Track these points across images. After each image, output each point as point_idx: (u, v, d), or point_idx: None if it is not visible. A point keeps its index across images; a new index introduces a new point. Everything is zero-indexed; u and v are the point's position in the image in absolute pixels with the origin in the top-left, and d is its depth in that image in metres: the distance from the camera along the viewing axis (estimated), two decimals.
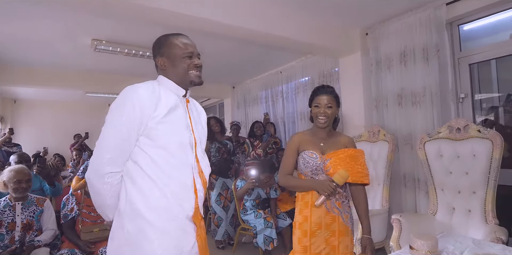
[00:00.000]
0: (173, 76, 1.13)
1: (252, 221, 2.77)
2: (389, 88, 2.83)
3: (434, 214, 2.25)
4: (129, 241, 1.00)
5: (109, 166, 1.00)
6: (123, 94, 1.04)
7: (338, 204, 1.45)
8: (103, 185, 1.00)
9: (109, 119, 1.04)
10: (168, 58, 1.13)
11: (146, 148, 1.03)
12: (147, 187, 1.02)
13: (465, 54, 2.52)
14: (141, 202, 1.00)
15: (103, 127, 1.04)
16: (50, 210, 2.20)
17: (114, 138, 1.01)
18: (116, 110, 1.03)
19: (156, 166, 1.02)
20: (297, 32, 2.71)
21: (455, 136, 2.25)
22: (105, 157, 0.99)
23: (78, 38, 3.10)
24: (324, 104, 1.47)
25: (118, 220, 1.04)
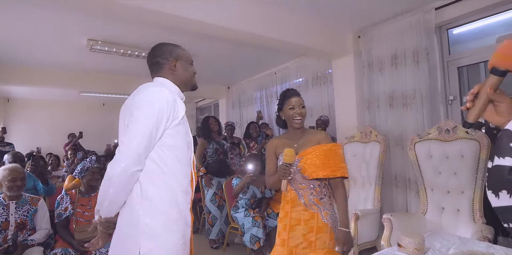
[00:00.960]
0: (181, 78, 1.24)
1: (240, 219, 2.80)
2: (381, 90, 2.88)
3: (424, 214, 2.30)
4: (148, 234, 1.04)
5: (138, 164, 1.03)
6: (152, 97, 1.08)
7: (316, 201, 1.47)
8: (127, 181, 1.03)
9: (138, 116, 1.05)
10: (180, 62, 1.23)
11: (162, 146, 1.09)
12: (162, 182, 1.08)
13: (454, 58, 2.59)
14: (159, 197, 1.07)
15: (132, 124, 1.05)
16: (44, 209, 2.20)
17: (143, 135, 1.04)
18: (146, 109, 1.06)
19: (170, 162, 1.10)
20: (291, 34, 2.75)
21: (444, 137, 2.31)
22: (134, 154, 1.02)
23: (74, 38, 3.11)
24: (298, 104, 1.52)
25: (129, 216, 1.07)
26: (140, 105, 1.07)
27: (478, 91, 0.70)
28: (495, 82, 0.67)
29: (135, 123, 1.05)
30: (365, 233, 2.40)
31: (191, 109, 7.48)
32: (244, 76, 5.08)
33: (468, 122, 0.71)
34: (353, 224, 2.30)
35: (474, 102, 0.70)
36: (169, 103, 1.08)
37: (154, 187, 1.07)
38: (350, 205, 2.81)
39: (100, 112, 7.46)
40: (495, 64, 0.66)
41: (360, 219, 2.33)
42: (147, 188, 1.07)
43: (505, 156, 0.63)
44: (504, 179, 0.63)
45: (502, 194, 0.64)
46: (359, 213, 2.32)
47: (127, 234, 1.06)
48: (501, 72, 0.66)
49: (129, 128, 1.05)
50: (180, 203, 1.12)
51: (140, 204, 1.06)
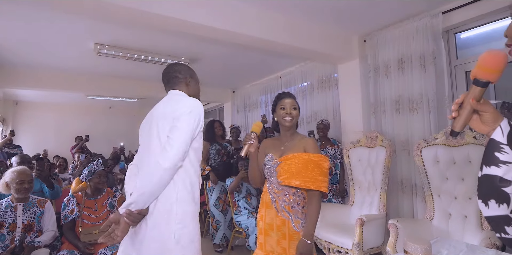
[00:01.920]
0: (193, 92, 1.46)
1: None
2: (387, 95, 2.87)
3: (430, 220, 2.27)
4: (179, 222, 1.22)
5: (182, 160, 1.21)
6: (195, 105, 1.30)
7: (287, 208, 1.47)
8: (170, 175, 1.20)
9: (187, 120, 1.25)
10: (193, 80, 1.50)
11: (191, 148, 1.27)
12: (188, 179, 1.27)
13: (461, 62, 2.57)
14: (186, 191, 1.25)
15: (180, 128, 1.23)
16: (50, 212, 2.22)
17: (188, 137, 1.23)
18: (191, 117, 1.26)
19: (194, 160, 1.29)
20: (296, 38, 2.76)
21: (452, 142, 2.28)
22: (182, 151, 1.19)
23: (81, 42, 3.16)
24: (290, 106, 1.56)
25: (165, 206, 1.22)
26: (188, 111, 1.27)
27: (462, 101, 0.71)
28: (477, 93, 0.68)
29: (184, 126, 1.23)
30: (371, 238, 2.38)
31: None
32: (249, 80, 5.10)
33: (454, 131, 0.73)
34: (358, 229, 2.28)
35: (459, 112, 0.71)
36: (203, 113, 1.32)
37: (183, 181, 1.25)
38: (355, 209, 2.80)
39: (106, 116, 7.55)
40: (476, 75, 0.68)
41: (365, 224, 2.30)
42: (179, 181, 1.23)
43: (491, 165, 0.64)
44: (493, 188, 0.64)
45: (491, 203, 0.65)
46: (364, 218, 2.29)
47: (161, 221, 1.21)
48: (482, 83, 0.67)
49: (178, 129, 1.22)
50: (196, 196, 1.30)
51: (174, 194, 1.23)
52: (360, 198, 2.82)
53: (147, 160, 1.28)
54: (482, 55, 0.67)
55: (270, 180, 1.56)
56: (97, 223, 2.19)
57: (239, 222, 2.86)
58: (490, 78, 0.67)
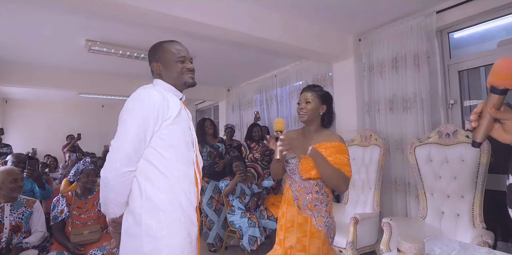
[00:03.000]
0: (169, 79, 1.23)
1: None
2: (381, 94, 2.87)
3: (423, 218, 2.28)
4: (149, 234, 1.06)
5: (127, 165, 1.06)
6: (140, 97, 1.10)
7: (310, 206, 1.45)
8: (121, 183, 1.06)
9: (126, 120, 1.08)
10: (162, 63, 1.22)
11: (158, 147, 1.11)
12: (161, 182, 1.10)
13: (455, 62, 2.58)
14: (158, 197, 1.08)
15: (120, 127, 1.09)
16: (39, 212, 2.17)
17: (132, 137, 1.06)
18: (134, 112, 1.08)
19: (167, 162, 1.11)
20: (291, 37, 2.75)
21: (445, 141, 2.29)
22: (123, 156, 1.05)
23: (72, 39, 3.10)
24: (303, 99, 1.51)
25: (131, 217, 1.09)
26: (128, 108, 1.10)
27: (481, 110, 0.68)
28: (496, 101, 0.66)
29: (123, 127, 1.08)
30: (364, 237, 2.38)
31: (190, 112, 7.37)
32: (244, 78, 5.08)
33: (476, 142, 0.70)
34: (352, 228, 2.28)
35: (479, 122, 0.68)
36: (157, 106, 1.09)
37: (152, 187, 1.09)
38: (349, 208, 2.80)
39: (99, 114, 7.45)
40: (493, 83, 0.65)
41: (359, 223, 2.30)
42: (146, 189, 1.09)
43: None
44: None
45: None
46: (358, 217, 2.29)
47: (131, 234, 1.09)
48: (500, 91, 0.65)
49: (118, 131, 1.09)
50: (183, 203, 1.13)
51: (141, 204, 1.09)
52: (354, 196, 2.82)
53: None
54: (497, 61, 0.65)
55: (292, 177, 1.53)
56: (87, 223, 2.15)
57: (232, 222, 2.84)
58: (508, 85, 0.64)
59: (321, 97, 1.52)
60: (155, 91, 1.13)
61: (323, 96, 1.53)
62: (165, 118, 1.11)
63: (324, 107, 1.51)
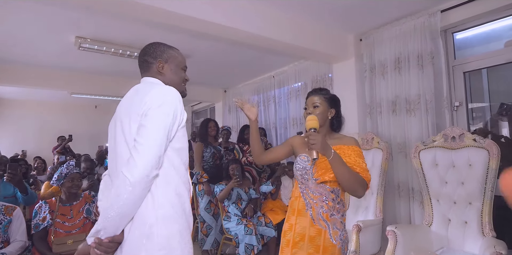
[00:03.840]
0: (168, 82, 1.14)
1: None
2: (383, 95, 2.77)
3: (429, 225, 2.18)
4: (163, 247, 0.94)
5: (157, 167, 0.94)
6: (168, 96, 1.01)
7: (325, 216, 1.31)
8: (147, 189, 0.93)
9: (156, 118, 0.96)
10: (170, 65, 1.16)
11: (170, 149, 1.02)
12: (170, 187, 1.00)
13: (459, 62, 2.50)
14: (170, 204, 0.98)
15: (148, 127, 0.95)
16: (19, 220, 2.01)
17: (162, 138, 0.95)
18: (164, 111, 0.98)
19: (177, 165, 1.03)
20: (290, 36, 2.64)
21: (451, 145, 2.20)
22: (155, 155, 0.92)
23: (61, 35, 2.95)
24: (310, 104, 1.42)
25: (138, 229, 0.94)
26: (157, 104, 0.98)
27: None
28: None
29: (154, 123, 0.95)
30: (367, 245, 2.26)
31: (186, 113, 7.29)
32: (241, 79, 4.97)
33: None
34: (355, 236, 2.16)
35: None
36: (180, 105, 1.04)
37: (165, 193, 0.98)
38: (350, 214, 2.68)
39: (92, 115, 7.26)
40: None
41: (362, 230, 2.19)
42: (158, 195, 0.96)
43: None
44: None
45: None
46: (361, 225, 2.18)
47: (139, 249, 0.93)
48: None
49: (147, 128, 0.95)
50: (187, 209, 1.04)
51: (154, 213, 0.95)
52: (355, 202, 2.70)
53: (115, 170, 1.03)
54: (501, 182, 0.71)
55: (305, 184, 1.39)
56: (71, 232, 2.00)
57: (228, 229, 2.71)
58: None
59: (329, 101, 1.43)
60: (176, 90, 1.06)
61: (331, 100, 1.44)
62: (181, 120, 1.05)
63: (333, 111, 1.42)
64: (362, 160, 1.33)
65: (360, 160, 1.32)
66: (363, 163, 1.33)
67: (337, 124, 1.45)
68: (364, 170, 1.30)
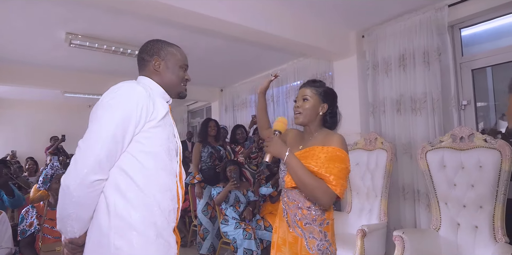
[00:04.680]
0: (165, 81, 1.08)
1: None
2: (387, 94, 2.68)
3: (437, 230, 2.08)
4: None
5: (97, 172, 0.85)
6: (122, 90, 0.93)
7: (300, 224, 1.21)
8: (87, 194, 0.86)
9: (102, 116, 0.89)
10: (167, 63, 1.08)
11: (136, 153, 0.93)
12: (134, 196, 0.91)
13: (467, 59, 2.40)
14: (129, 214, 0.90)
15: (92, 124, 0.89)
16: (5, 225, 1.90)
17: (106, 138, 0.87)
18: (112, 107, 0.90)
19: (145, 172, 0.93)
20: (290, 31, 2.53)
21: (459, 145, 2.10)
22: (93, 160, 0.85)
23: (50, 32, 2.81)
24: (301, 97, 1.29)
25: (96, 237, 0.90)
26: (105, 102, 0.91)
27: None
28: None
29: (97, 124, 0.89)
30: (372, 251, 2.16)
31: (182, 113, 7.16)
32: (238, 78, 4.85)
33: None
34: (360, 241, 2.06)
35: None
36: (141, 103, 0.92)
37: (124, 202, 0.90)
38: (353, 217, 2.58)
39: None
40: None
41: (366, 235, 2.08)
42: (115, 203, 0.90)
43: None
44: None
45: None
46: (366, 229, 2.08)
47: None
48: None
49: (89, 129, 0.89)
50: (158, 222, 0.94)
51: (109, 222, 0.89)
52: (358, 204, 2.60)
53: None
54: None
55: (283, 189, 1.32)
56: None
57: (226, 233, 2.59)
58: None
59: (322, 95, 1.28)
60: (140, 87, 0.96)
61: (325, 93, 1.29)
62: (149, 119, 0.94)
63: (325, 106, 1.28)
64: (335, 164, 1.13)
65: (332, 165, 1.13)
66: (336, 168, 1.12)
67: (330, 121, 1.30)
68: (334, 176, 1.11)
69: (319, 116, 1.28)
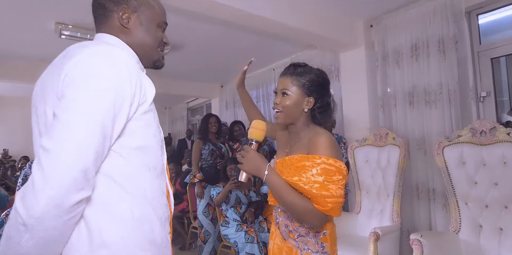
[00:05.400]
0: (136, 43, 0.77)
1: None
2: (398, 86, 2.51)
3: (457, 232, 1.91)
4: None
5: (83, 187, 0.56)
6: (102, 62, 0.62)
7: (292, 236, 1.06)
8: (65, 223, 0.56)
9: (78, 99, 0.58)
10: (139, 17, 0.77)
11: (124, 151, 0.65)
12: (126, 211, 0.65)
13: (486, 48, 2.23)
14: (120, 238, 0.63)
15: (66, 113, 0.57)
16: None
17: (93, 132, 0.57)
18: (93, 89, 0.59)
19: (137, 175, 0.67)
20: (294, 19, 2.37)
21: (480, 140, 1.93)
22: (75, 170, 0.55)
23: (39, 22, 2.64)
24: (280, 89, 1.03)
25: None
26: (81, 77, 0.59)
27: None
28: None
29: (74, 111, 0.57)
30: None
31: (181, 110, 7.00)
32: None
33: None
34: (372, 245, 1.89)
35: None
36: (134, 75, 0.64)
37: (112, 223, 0.63)
38: (362, 218, 2.41)
39: None
40: None
41: (380, 239, 1.91)
42: (102, 228, 0.62)
43: None
44: None
45: None
46: (379, 232, 1.90)
47: None
48: None
49: (61, 120, 0.56)
50: (158, 239, 0.70)
51: (78, 241, 0.60)
52: (368, 205, 2.43)
53: None
54: None
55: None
56: None
57: (226, 236, 2.42)
58: None
59: (306, 86, 1.01)
60: (120, 49, 0.69)
61: (310, 84, 1.01)
62: (141, 102, 0.67)
63: (311, 101, 1.02)
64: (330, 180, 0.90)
65: (326, 182, 0.90)
66: (333, 186, 0.90)
67: (321, 117, 1.04)
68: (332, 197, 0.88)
69: (304, 114, 1.03)
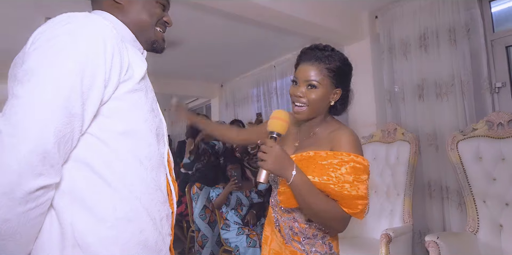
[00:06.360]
0: (131, 21, 0.70)
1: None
2: (406, 79, 2.38)
3: (474, 233, 1.77)
4: None
5: (41, 172, 0.48)
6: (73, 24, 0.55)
7: (297, 239, 0.95)
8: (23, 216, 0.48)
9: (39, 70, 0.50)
10: None
11: (104, 135, 0.57)
12: (107, 207, 0.57)
13: (500, 35, 2.10)
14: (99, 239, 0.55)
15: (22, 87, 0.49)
16: None
17: (53, 108, 0.49)
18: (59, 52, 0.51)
19: (121, 165, 0.58)
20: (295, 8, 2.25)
21: (497, 133, 1.80)
22: (31, 150, 0.47)
23: (28, 18, 2.53)
24: (304, 79, 0.88)
25: None
26: (44, 44, 0.52)
27: None
28: None
29: (32, 84, 0.49)
30: None
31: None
32: (239, 72, 4.56)
33: None
34: (384, 248, 1.75)
35: None
36: (110, 44, 0.55)
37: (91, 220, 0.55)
38: (371, 219, 2.28)
39: None
40: None
41: (392, 241, 1.78)
42: (74, 224, 0.54)
43: None
44: None
45: None
46: (391, 234, 1.77)
47: None
48: None
49: (16, 96, 0.49)
50: (150, 241, 0.60)
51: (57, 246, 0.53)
52: (377, 204, 2.30)
53: None
54: None
55: (274, 191, 1.02)
56: None
57: (227, 240, 2.29)
58: None
59: (337, 75, 0.88)
60: (107, 22, 0.61)
61: (339, 72, 0.88)
62: (124, 79, 0.58)
63: (338, 92, 0.91)
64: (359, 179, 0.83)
65: (356, 181, 0.82)
66: (361, 185, 0.83)
67: (341, 107, 0.96)
68: (363, 199, 0.83)
69: (328, 106, 0.93)
